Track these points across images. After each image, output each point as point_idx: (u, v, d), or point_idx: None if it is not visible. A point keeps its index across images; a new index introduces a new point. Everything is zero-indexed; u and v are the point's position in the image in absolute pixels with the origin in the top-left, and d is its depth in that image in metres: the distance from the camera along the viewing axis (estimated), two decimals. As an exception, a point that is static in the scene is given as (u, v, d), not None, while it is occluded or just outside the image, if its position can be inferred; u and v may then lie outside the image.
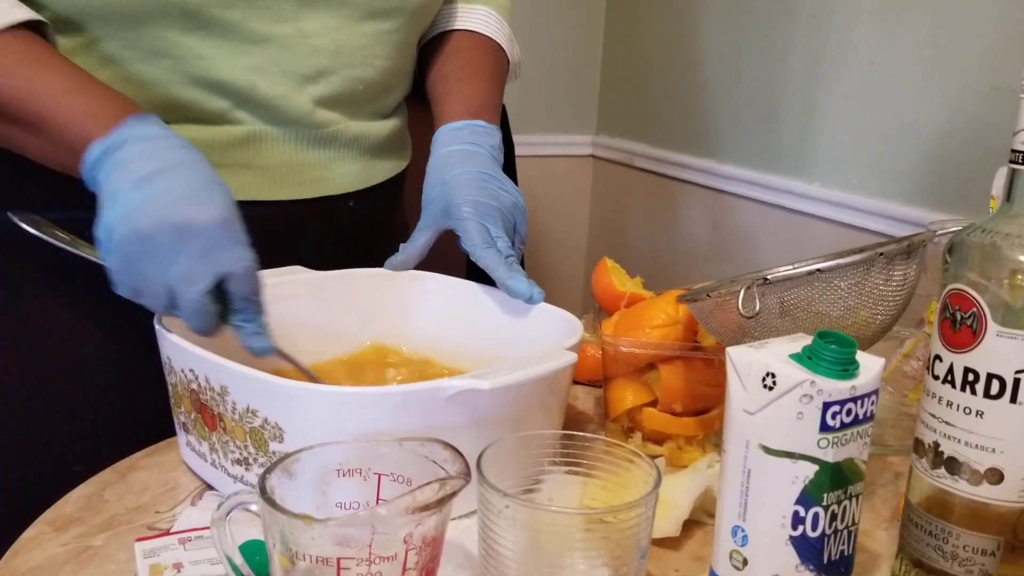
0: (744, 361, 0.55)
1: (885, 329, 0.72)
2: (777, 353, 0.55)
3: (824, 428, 0.53)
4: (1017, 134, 0.56)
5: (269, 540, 0.51)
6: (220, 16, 0.81)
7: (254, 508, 0.52)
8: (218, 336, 0.72)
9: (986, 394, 0.56)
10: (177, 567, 0.62)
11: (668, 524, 0.68)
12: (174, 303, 0.69)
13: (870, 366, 0.55)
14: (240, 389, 0.66)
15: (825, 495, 0.54)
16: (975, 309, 0.56)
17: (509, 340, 0.83)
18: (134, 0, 0.77)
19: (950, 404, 0.58)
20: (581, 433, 0.60)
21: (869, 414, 0.55)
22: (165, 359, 0.75)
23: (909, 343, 0.89)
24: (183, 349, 0.70)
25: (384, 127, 0.97)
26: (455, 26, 1.02)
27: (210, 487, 0.74)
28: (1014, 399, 0.55)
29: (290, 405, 0.64)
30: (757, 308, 0.67)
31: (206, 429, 0.71)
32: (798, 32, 1.66)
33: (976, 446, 0.57)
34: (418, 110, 1.04)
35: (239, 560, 0.55)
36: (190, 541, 0.65)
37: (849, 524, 0.56)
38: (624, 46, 2.18)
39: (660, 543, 0.68)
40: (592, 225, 2.37)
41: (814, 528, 0.55)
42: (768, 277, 0.68)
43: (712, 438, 0.82)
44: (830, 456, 0.54)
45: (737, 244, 1.88)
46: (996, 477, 0.57)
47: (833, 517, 0.55)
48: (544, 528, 0.53)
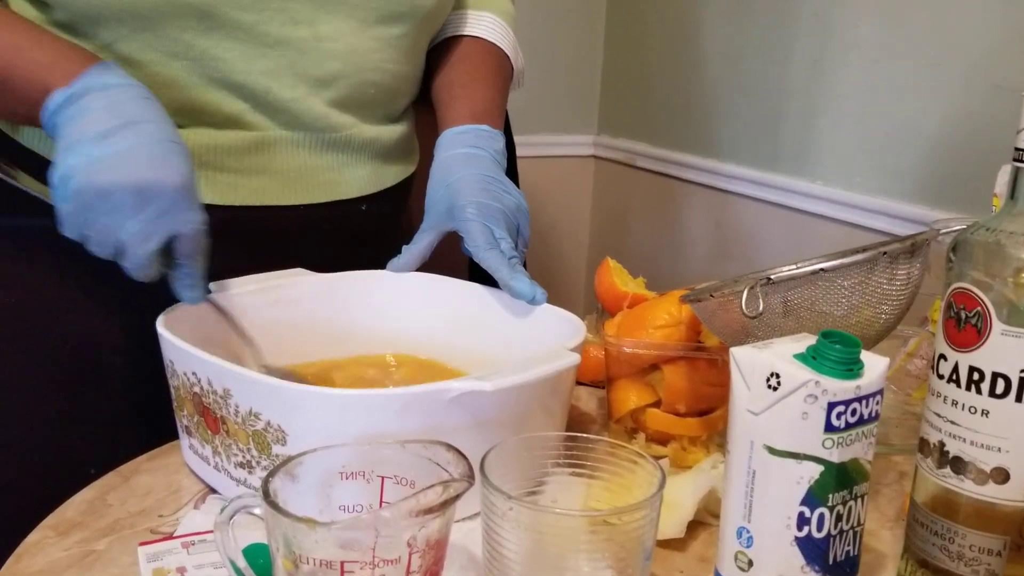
0: (748, 361, 0.55)
1: (889, 328, 0.72)
2: (781, 353, 0.55)
3: (829, 428, 0.53)
4: (1020, 132, 0.56)
5: (272, 543, 0.51)
6: (235, 18, 0.82)
7: (257, 511, 0.52)
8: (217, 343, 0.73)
9: (991, 393, 0.56)
10: (180, 571, 0.62)
11: (672, 525, 0.67)
12: (121, 254, 0.72)
13: (874, 366, 0.55)
14: (243, 392, 0.66)
15: (830, 495, 0.54)
16: (980, 308, 0.56)
17: (512, 341, 0.83)
18: (151, 1, 0.78)
19: (955, 403, 0.57)
20: (585, 434, 0.60)
21: (874, 414, 0.55)
22: (167, 362, 0.75)
23: (913, 342, 0.89)
24: (186, 352, 0.70)
25: (394, 131, 0.98)
26: (462, 32, 1.02)
27: (213, 490, 0.74)
28: (1019, 398, 0.55)
29: (293, 408, 0.64)
30: (761, 308, 0.67)
31: (209, 432, 0.71)
32: (800, 31, 1.65)
33: (981, 445, 0.57)
34: (424, 115, 1.04)
35: (242, 564, 0.55)
36: (193, 545, 0.64)
37: (854, 524, 0.56)
38: (625, 46, 2.18)
39: (665, 544, 0.68)
40: (594, 225, 2.36)
41: (819, 529, 0.55)
42: (771, 277, 0.68)
43: (716, 439, 0.82)
44: (835, 456, 0.54)
45: (740, 243, 1.88)
46: (1002, 476, 0.56)
47: (838, 518, 0.55)
48: (548, 530, 0.53)
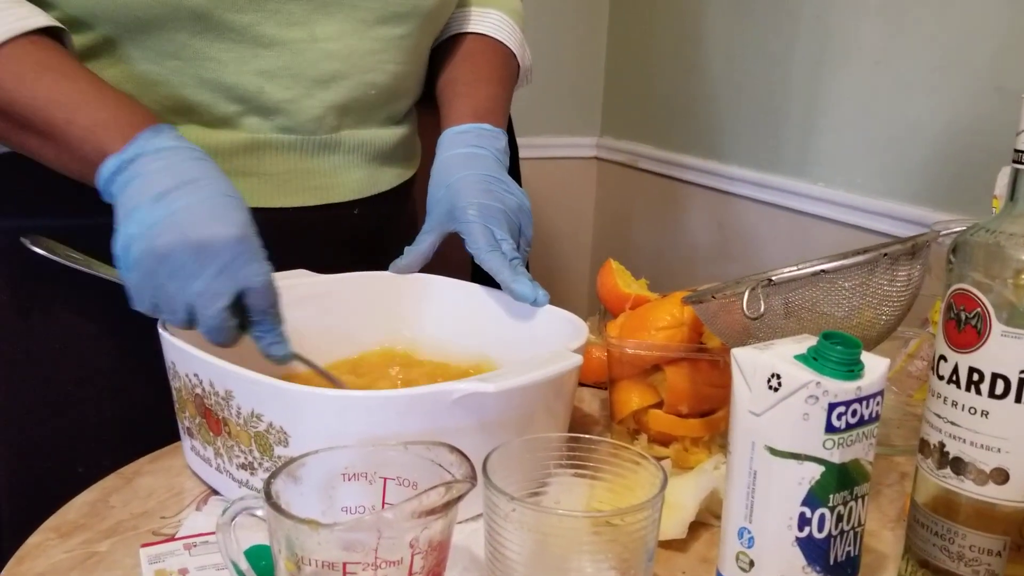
0: (749, 362, 0.55)
1: (890, 330, 0.72)
2: (782, 354, 0.55)
3: (830, 429, 0.53)
4: (1020, 134, 0.56)
5: (275, 545, 0.51)
6: (230, 20, 0.81)
7: (259, 513, 0.52)
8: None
9: (991, 394, 0.56)
10: (183, 572, 0.62)
11: (675, 526, 0.68)
12: (194, 318, 0.70)
13: (875, 367, 0.55)
14: (245, 393, 0.66)
15: (831, 496, 0.54)
16: (979, 309, 0.56)
17: (514, 343, 0.83)
18: (145, 3, 0.77)
19: (955, 404, 0.58)
20: (587, 435, 0.60)
21: (874, 415, 0.55)
22: (169, 364, 0.75)
23: (914, 343, 0.89)
24: (187, 353, 0.70)
25: (393, 134, 0.97)
26: (467, 29, 1.01)
27: (215, 492, 0.74)
28: (1019, 399, 0.55)
29: (295, 409, 0.64)
30: (762, 309, 0.67)
31: (211, 434, 0.71)
32: (802, 32, 1.66)
33: (981, 446, 0.57)
34: (427, 115, 1.03)
35: (245, 565, 0.55)
36: (195, 546, 0.65)
37: (855, 525, 0.56)
38: (628, 48, 2.18)
39: (667, 545, 0.68)
40: (597, 227, 2.36)
41: (820, 529, 0.55)
42: (773, 278, 0.68)
43: (718, 439, 0.82)
44: (836, 457, 0.54)
45: (741, 245, 1.88)
46: (1002, 477, 0.56)
47: (839, 518, 0.55)
48: (551, 531, 0.53)
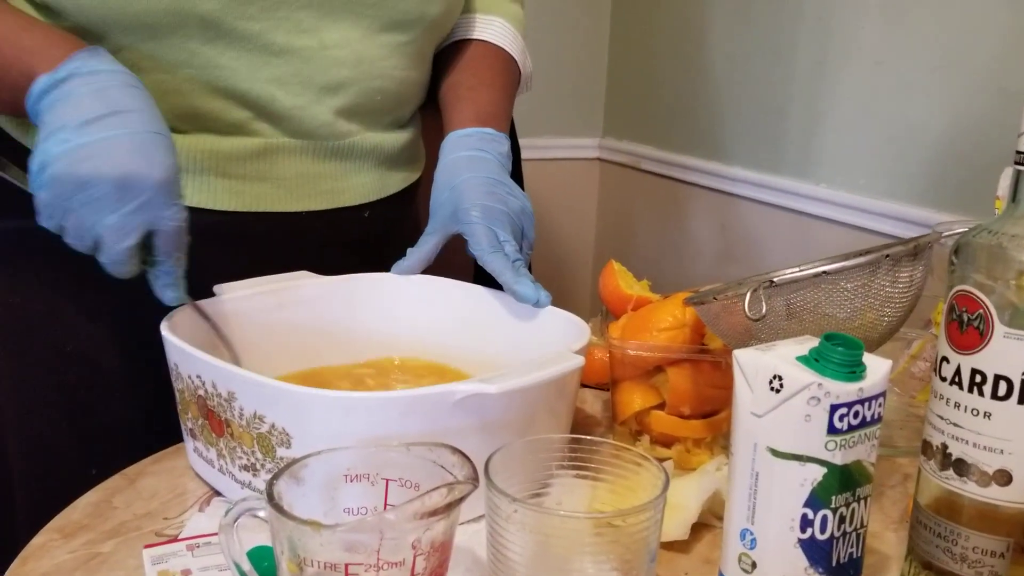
0: (751, 364, 0.55)
1: (892, 331, 0.72)
2: (784, 355, 0.55)
3: (832, 431, 0.53)
4: (1021, 136, 0.56)
5: (277, 546, 0.51)
6: (240, 28, 0.81)
7: (262, 514, 0.53)
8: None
9: (994, 395, 0.56)
10: (185, 574, 0.62)
11: (677, 527, 0.68)
12: (99, 248, 0.70)
13: (877, 368, 0.55)
14: (247, 395, 0.66)
15: (833, 498, 0.54)
16: (982, 310, 0.56)
17: (517, 344, 0.83)
18: (155, 11, 0.78)
19: (958, 406, 0.58)
20: (589, 437, 0.60)
21: (877, 416, 0.55)
22: (172, 365, 0.75)
23: (916, 344, 0.89)
24: (190, 355, 0.70)
25: (399, 138, 0.98)
26: (471, 36, 1.02)
27: (218, 493, 0.74)
28: (1022, 400, 0.55)
29: (297, 410, 0.64)
30: (764, 310, 0.67)
31: (213, 435, 0.71)
32: (804, 33, 1.66)
33: (984, 447, 0.57)
34: (430, 119, 1.04)
35: (247, 566, 0.56)
36: (198, 547, 0.65)
37: (858, 526, 0.56)
38: (630, 49, 2.18)
39: (669, 546, 0.68)
40: (599, 228, 2.37)
41: (823, 531, 0.55)
42: (774, 279, 0.68)
43: (720, 440, 0.82)
44: (838, 459, 0.54)
45: (744, 246, 1.88)
46: (1005, 478, 0.56)
47: (842, 520, 0.55)
48: (553, 533, 0.53)
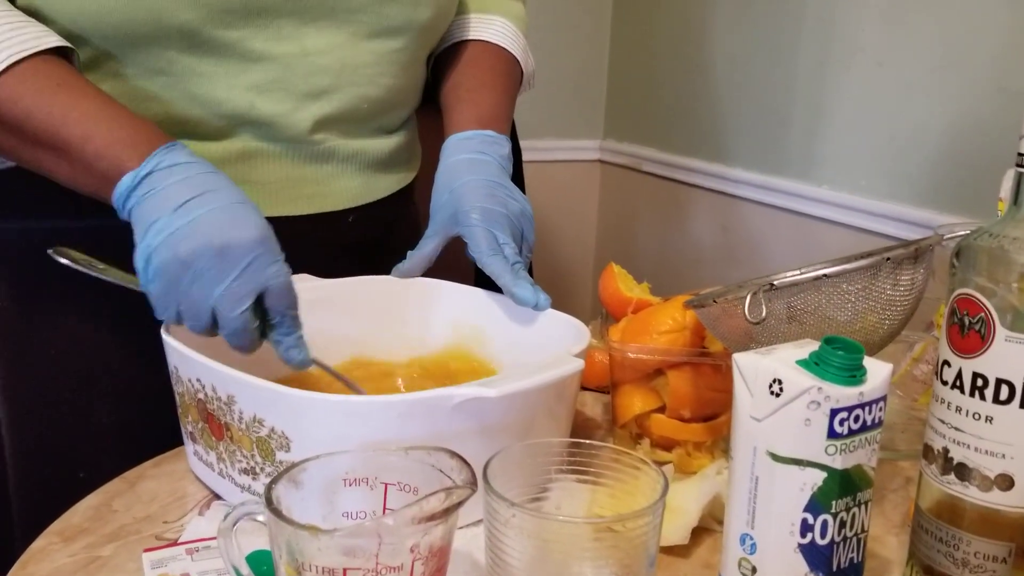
0: (751, 367, 0.55)
1: (893, 334, 0.71)
2: (784, 359, 0.55)
3: (832, 435, 0.53)
4: (1022, 138, 0.55)
5: (276, 550, 0.51)
6: (218, 36, 0.81)
7: (261, 518, 0.53)
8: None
9: (995, 399, 0.56)
10: (185, 577, 0.62)
11: (677, 532, 0.67)
12: (216, 323, 0.70)
13: (878, 372, 0.54)
14: (247, 398, 0.66)
15: (834, 502, 0.54)
16: (983, 314, 0.56)
17: (516, 347, 0.83)
18: (134, 21, 0.77)
19: (959, 410, 0.57)
20: (588, 441, 0.60)
21: (877, 420, 0.55)
22: (172, 369, 0.75)
23: (918, 347, 0.88)
24: (190, 359, 0.70)
25: (387, 143, 0.96)
26: (470, 36, 1.01)
27: (218, 497, 0.74)
28: (1023, 404, 0.55)
29: (297, 414, 0.64)
30: (764, 314, 0.67)
31: (213, 438, 0.71)
32: (805, 35, 1.65)
33: (986, 452, 0.56)
34: (429, 119, 1.03)
35: (246, 570, 0.56)
36: (198, 551, 0.65)
37: (858, 531, 0.56)
38: (631, 50, 2.18)
39: (669, 551, 0.68)
40: (600, 230, 2.36)
41: (823, 535, 0.55)
42: (775, 282, 0.68)
43: (721, 444, 0.82)
44: (838, 463, 0.53)
45: (745, 248, 1.88)
46: (1006, 483, 0.56)
47: (842, 524, 0.55)
48: (552, 537, 0.53)
